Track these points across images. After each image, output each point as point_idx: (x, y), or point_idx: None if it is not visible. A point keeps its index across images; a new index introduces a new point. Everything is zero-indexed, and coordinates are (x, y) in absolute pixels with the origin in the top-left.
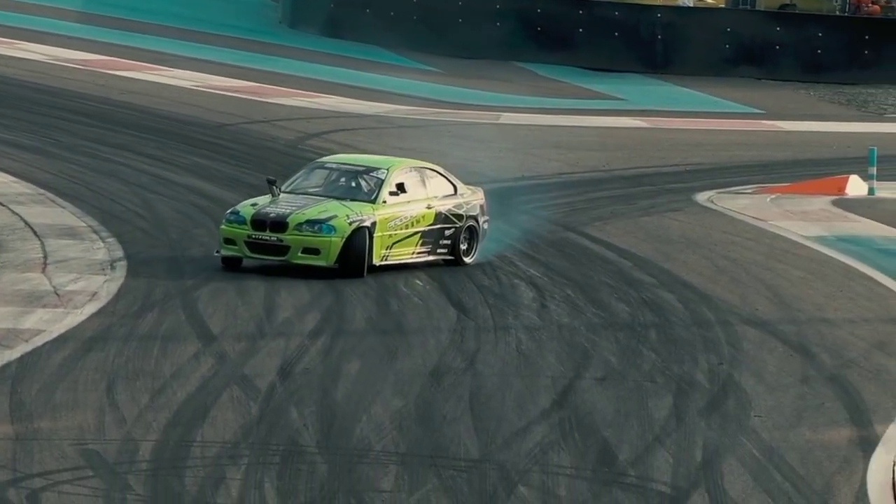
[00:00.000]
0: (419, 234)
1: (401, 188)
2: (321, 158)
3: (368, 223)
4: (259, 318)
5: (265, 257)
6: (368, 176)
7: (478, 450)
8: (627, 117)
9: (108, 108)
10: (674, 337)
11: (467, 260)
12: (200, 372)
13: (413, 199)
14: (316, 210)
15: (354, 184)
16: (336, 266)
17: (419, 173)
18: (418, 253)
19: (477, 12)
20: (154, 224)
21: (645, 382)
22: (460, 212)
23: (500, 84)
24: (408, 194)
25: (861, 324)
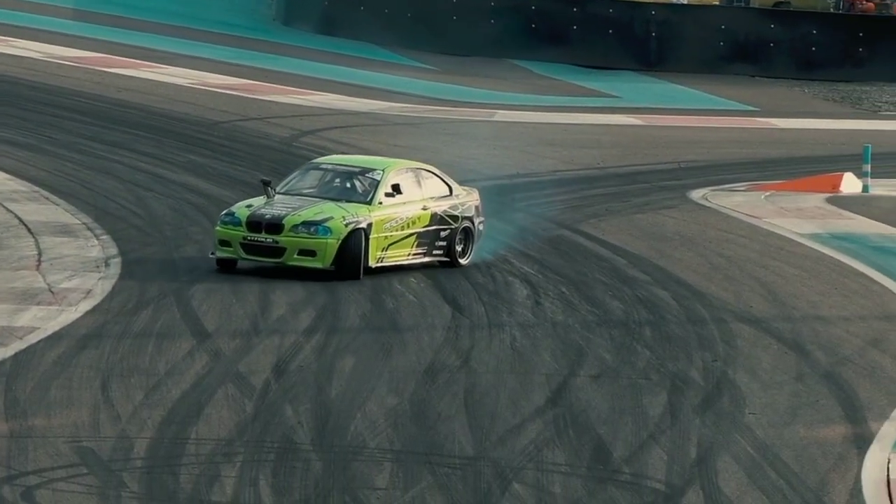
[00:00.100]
0: (415, 236)
1: (396, 189)
2: (316, 159)
3: (364, 225)
4: (254, 316)
5: (261, 259)
6: (364, 177)
7: (472, 447)
8: (622, 115)
9: (103, 106)
10: (668, 334)
11: (463, 261)
12: (195, 369)
13: (409, 201)
14: (312, 211)
15: (349, 185)
16: (332, 268)
17: (414, 174)
18: (414, 254)
19: (471, 10)
20: (149, 222)
21: (639, 380)
22: (456, 213)
23: (495, 81)
24: (403, 195)
25: (855, 321)
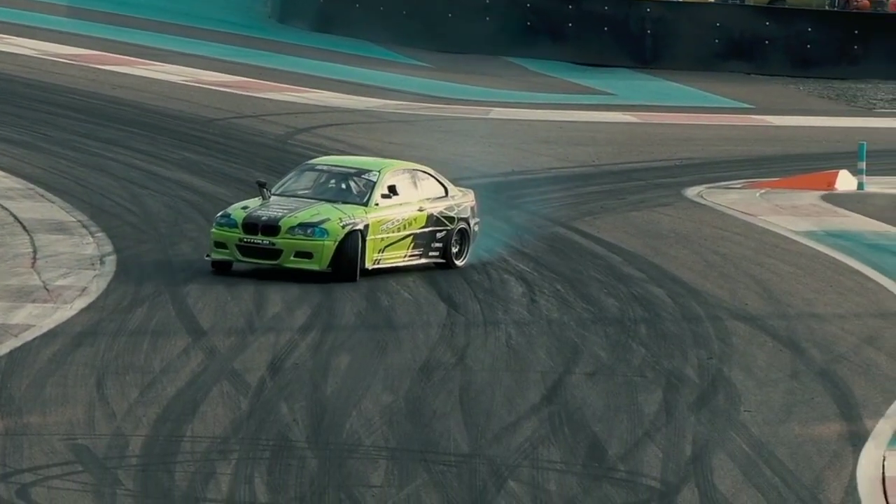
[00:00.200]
0: (411, 237)
1: (392, 190)
2: (311, 160)
3: (361, 226)
4: (249, 314)
5: (257, 261)
6: (360, 178)
7: (467, 445)
8: (617, 112)
9: (98, 103)
10: (663, 332)
11: (458, 263)
12: (190, 367)
13: (405, 202)
14: (308, 213)
15: (345, 186)
16: (329, 270)
17: (410, 175)
18: (410, 256)
19: (466, 7)
20: (144, 219)
21: (634, 377)
22: (451, 214)
23: (490, 79)
24: (399, 197)
25: (851, 319)
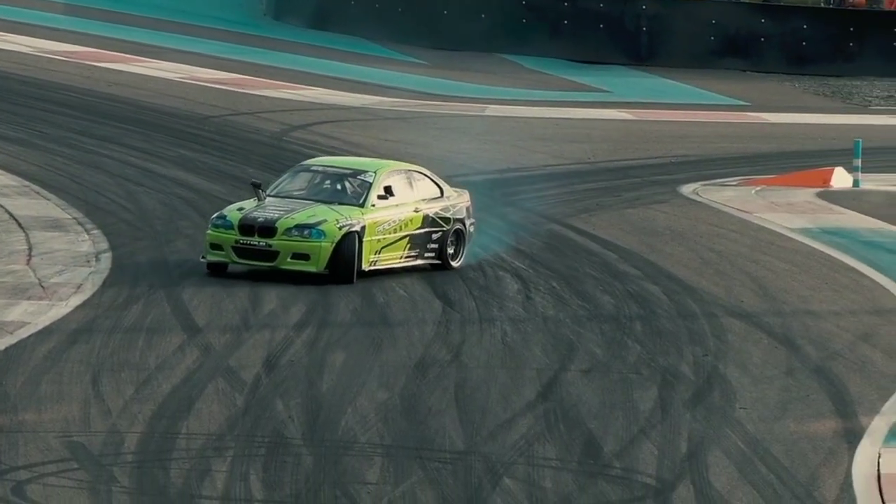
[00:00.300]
0: (407, 238)
1: (388, 191)
2: (306, 161)
3: (358, 227)
4: (244, 310)
5: (253, 263)
6: (355, 179)
7: (463, 442)
8: (613, 109)
9: (94, 100)
10: (659, 329)
11: (454, 264)
12: (185, 364)
13: (401, 203)
14: (305, 214)
15: (341, 187)
16: (326, 272)
17: (406, 176)
18: (406, 257)
19: (462, 4)
20: (139, 216)
21: (630, 374)
22: (447, 215)
23: (486, 76)
24: (395, 198)
25: (846, 316)
